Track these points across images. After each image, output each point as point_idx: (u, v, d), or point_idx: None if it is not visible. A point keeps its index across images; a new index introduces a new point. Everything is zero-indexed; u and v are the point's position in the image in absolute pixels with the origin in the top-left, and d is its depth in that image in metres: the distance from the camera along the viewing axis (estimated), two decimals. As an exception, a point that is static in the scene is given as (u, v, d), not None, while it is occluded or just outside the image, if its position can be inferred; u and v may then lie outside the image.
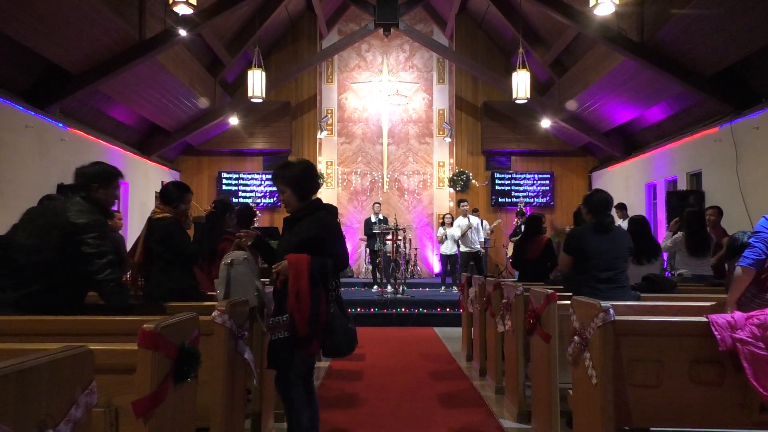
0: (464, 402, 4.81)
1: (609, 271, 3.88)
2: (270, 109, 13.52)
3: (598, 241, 3.91)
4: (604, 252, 3.89)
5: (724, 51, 7.94)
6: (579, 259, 3.97)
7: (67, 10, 7.39)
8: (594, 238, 3.93)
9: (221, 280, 3.39)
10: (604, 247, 3.90)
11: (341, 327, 3.08)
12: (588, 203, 4.08)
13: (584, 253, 3.92)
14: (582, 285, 3.90)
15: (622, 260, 3.97)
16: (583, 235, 4.01)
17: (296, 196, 3.13)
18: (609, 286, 3.84)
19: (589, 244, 3.92)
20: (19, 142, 7.99)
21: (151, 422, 1.89)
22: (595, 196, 4.08)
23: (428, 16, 15.16)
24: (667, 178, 10.61)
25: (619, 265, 3.93)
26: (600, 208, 4.01)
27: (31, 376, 1.27)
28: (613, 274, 3.89)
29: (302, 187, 3.15)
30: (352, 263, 14.40)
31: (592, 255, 3.89)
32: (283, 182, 3.14)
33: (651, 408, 2.65)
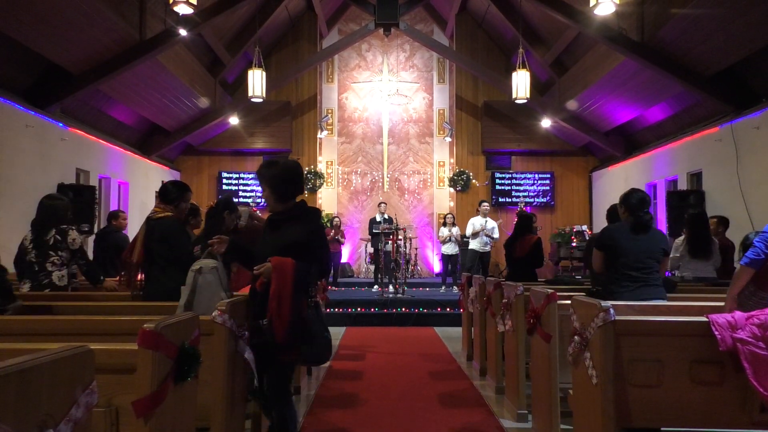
0: (464, 402, 4.81)
1: (639, 270, 3.85)
2: (270, 109, 13.53)
3: (631, 239, 3.90)
4: (636, 250, 3.87)
5: (725, 51, 7.94)
6: (610, 256, 3.96)
7: (68, 10, 7.39)
8: (628, 235, 3.93)
9: (187, 286, 3.27)
10: (637, 245, 3.88)
11: (320, 335, 2.97)
12: (626, 202, 4.07)
13: (615, 250, 3.91)
14: (611, 281, 3.90)
15: (654, 260, 3.93)
16: (617, 232, 4.00)
17: (274, 196, 3.06)
18: (636, 284, 3.81)
19: (621, 241, 3.91)
20: (20, 141, 8.00)
21: (151, 422, 1.89)
22: (633, 195, 4.07)
23: (428, 15, 15.16)
24: (667, 178, 10.61)
25: (650, 264, 3.89)
26: (638, 206, 4.01)
27: (31, 376, 1.27)
28: (643, 273, 3.85)
29: (281, 188, 3.05)
30: (353, 263, 14.40)
31: (623, 252, 3.88)
32: (263, 181, 3.08)
33: (651, 408, 2.65)
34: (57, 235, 4.38)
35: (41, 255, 4.40)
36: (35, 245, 4.43)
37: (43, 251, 4.40)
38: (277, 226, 3.09)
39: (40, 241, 4.41)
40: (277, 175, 3.06)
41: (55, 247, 4.38)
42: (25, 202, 7.96)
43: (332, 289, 10.74)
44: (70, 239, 4.40)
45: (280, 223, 3.09)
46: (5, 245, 7.63)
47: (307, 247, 2.99)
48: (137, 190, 11.61)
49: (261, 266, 2.90)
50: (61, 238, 4.38)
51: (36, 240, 4.44)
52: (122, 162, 11.12)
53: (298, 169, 3.17)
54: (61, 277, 4.40)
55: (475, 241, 10.42)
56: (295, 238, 2.99)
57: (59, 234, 4.39)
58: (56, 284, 4.37)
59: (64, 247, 4.39)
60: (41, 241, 4.41)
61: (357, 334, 8.42)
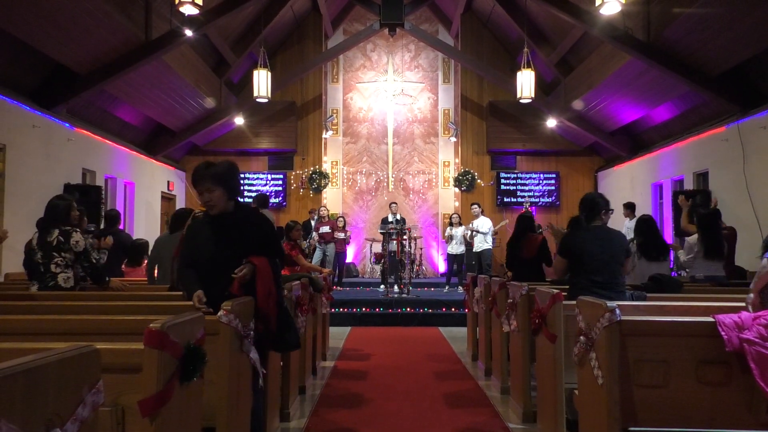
0: (469, 402, 4.80)
1: (603, 275, 3.87)
2: (275, 109, 13.55)
3: (592, 244, 3.90)
4: (598, 254, 3.88)
5: (731, 50, 7.90)
6: (573, 262, 3.97)
7: (74, 10, 7.43)
8: (588, 240, 3.93)
9: None
10: (598, 249, 3.89)
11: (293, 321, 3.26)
12: (580, 204, 4.11)
13: (578, 256, 3.92)
14: (577, 288, 3.90)
15: (617, 263, 3.96)
16: (577, 237, 4.01)
17: (227, 195, 3.03)
18: (604, 290, 3.82)
19: (583, 246, 3.92)
20: (26, 142, 8.03)
21: (157, 421, 1.90)
22: (585, 197, 4.10)
23: (433, 15, 15.14)
24: (673, 178, 10.57)
25: (614, 269, 3.92)
26: (589, 208, 4.03)
27: (38, 376, 1.28)
28: (608, 277, 3.88)
29: (233, 185, 3.07)
30: (358, 263, 14.40)
31: (586, 258, 3.88)
32: (211, 181, 3.00)
33: (657, 408, 2.64)
34: (60, 237, 4.38)
35: (46, 256, 4.41)
36: (40, 246, 4.44)
37: (47, 252, 4.40)
38: (223, 226, 3.05)
39: (43, 242, 4.42)
40: (225, 172, 3.05)
41: (59, 248, 4.37)
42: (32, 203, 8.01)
43: (337, 289, 10.75)
44: (73, 241, 4.40)
45: (227, 222, 3.05)
46: (13, 246, 7.68)
47: (269, 243, 3.09)
48: (143, 190, 11.64)
49: (242, 267, 2.98)
50: (63, 240, 4.38)
51: (40, 241, 4.45)
52: (128, 162, 11.16)
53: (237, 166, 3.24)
54: (67, 279, 4.39)
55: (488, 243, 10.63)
56: (258, 236, 3.06)
57: (62, 235, 4.39)
58: (62, 286, 4.36)
59: (68, 249, 4.38)
60: (45, 242, 4.41)
61: (362, 334, 8.42)
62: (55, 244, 4.37)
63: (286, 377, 4.29)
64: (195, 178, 3.08)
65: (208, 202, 3.03)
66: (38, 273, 4.44)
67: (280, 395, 4.15)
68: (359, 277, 14.02)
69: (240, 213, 3.10)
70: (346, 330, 8.67)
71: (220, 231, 3.05)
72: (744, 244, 7.12)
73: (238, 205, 3.12)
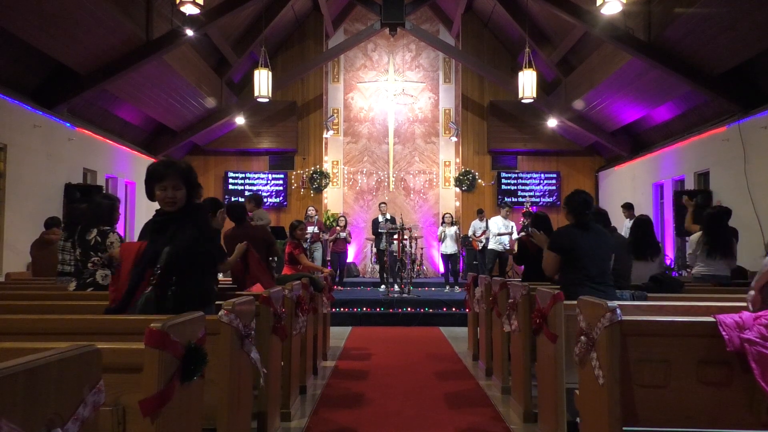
0: (470, 402, 4.80)
1: (597, 269, 3.90)
2: (276, 109, 13.55)
3: (586, 240, 3.94)
4: (592, 250, 3.91)
5: (732, 50, 7.90)
6: (568, 258, 3.98)
7: (75, 10, 7.43)
8: (579, 235, 3.96)
9: None
10: (592, 245, 3.93)
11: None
12: (569, 204, 4.11)
13: (574, 252, 3.93)
14: (573, 284, 3.90)
15: (607, 259, 4.01)
16: (571, 233, 4.03)
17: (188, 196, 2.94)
18: (598, 284, 3.86)
19: (578, 241, 3.94)
20: (28, 141, 8.04)
21: (158, 421, 1.90)
22: (576, 197, 4.10)
23: (434, 15, 15.14)
24: (674, 178, 10.56)
25: (605, 265, 3.97)
26: (581, 209, 4.04)
27: (39, 375, 1.28)
28: (601, 272, 3.92)
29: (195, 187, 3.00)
30: (358, 263, 14.40)
31: (582, 253, 3.90)
32: (180, 179, 2.90)
33: (658, 408, 2.63)
34: (98, 236, 4.40)
35: (84, 254, 4.42)
36: (79, 244, 4.45)
37: (85, 251, 4.42)
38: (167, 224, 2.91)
39: (82, 241, 4.44)
40: (192, 173, 2.97)
41: (96, 248, 4.39)
42: (33, 202, 8.01)
43: (338, 289, 10.75)
44: (109, 241, 4.41)
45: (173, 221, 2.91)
46: (14, 245, 7.69)
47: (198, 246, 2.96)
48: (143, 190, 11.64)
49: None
50: (101, 240, 4.40)
51: (79, 239, 4.46)
52: (129, 162, 11.17)
53: None
54: (105, 276, 4.40)
55: (492, 242, 10.58)
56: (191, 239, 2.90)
57: (99, 235, 4.41)
58: (100, 283, 4.36)
59: (104, 249, 4.39)
60: (84, 240, 4.43)
61: (362, 334, 8.42)
62: (93, 243, 4.39)
63: (287, 377, 4.29)
64: (160, 173, 2.89)
65: (171, 198, 2.89)
66: (76, 271, 4.48)
67: (281, 395, 4.15)
68: (360, 277, 14.02)
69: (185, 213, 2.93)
70: (347, 330, 8.67)
71: (162, 229, 2.93)
72: (745, 244, 7.11)
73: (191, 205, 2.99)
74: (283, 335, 3.99)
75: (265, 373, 3.34)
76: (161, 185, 2.89)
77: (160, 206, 2.94)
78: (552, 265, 4.12)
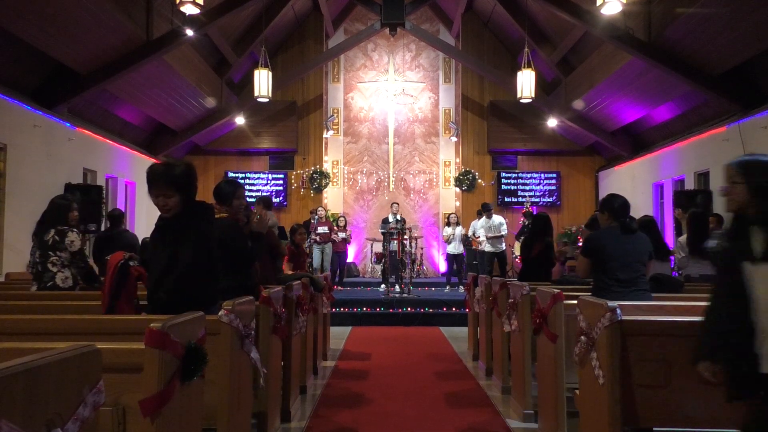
0: (470, 402, 4.80)
1: (627, 273, 3.85)
2: (276, 109, 13.55)
3: (617, 243, 3.91)
4: (623, 254, 3.87)
5: (732, 50, 7.89)
6: (597, 262, 3.96)
7: (75, 10, 7.43)
8: (613, 240, 3.93)
9: None
10: (623, 249, 3.89)
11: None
12: (609, 207, 4.07)
13: (602, 255, 3.91)
14: (599, 287, 3.90)
15: (641, 264, 3.95)
16: (602, 237, 4.01)
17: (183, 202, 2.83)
18: (627, 289, 3.81)
19: (607, 245, 3.92)
20: (27, 141, 8.04)
21: (158, 421, 1.90)
22: (616, 200, 4.08)
23: (434, 15, 15.14)
24: (674, 178, 10.56)
25: (638, 268, 3.91)
26: (622, 212, 4.02)
27: (39, 375, 1.28)
28: (632, 276, 3.86)
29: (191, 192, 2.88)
30: (358, 263, 14.39)
31: (610, 257, 3.88)
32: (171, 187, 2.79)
33: (658, 408, 2.64)
34: (56, 236, 4.39)
35: (43, 255, 4.41)
36: (38, 245, 4.45)
37: (44, 251, 4.41)
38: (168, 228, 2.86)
39: (41, 241, 4.43)
40: (187, 177, 2.85)
41: (54, 247, 4.37)
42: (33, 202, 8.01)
43: (338, 289, 10.75)
44: (68, 240, 4.39)
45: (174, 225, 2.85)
46: (13, 245, 7.69)
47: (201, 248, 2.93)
48: (144, 190, 11.53)
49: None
50: (59, 239, 4.38)
51: (38, 240, 4.46)
52: (129, 162, 11.17)
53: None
54: (65, 279, 4.37)
55: (488, 244, 10.46)
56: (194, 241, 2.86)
57: (58, 234, 4.39)
58: (60, 286, 4.34)
59: (63, 248, 4.38)
60: (42, 241, 4.42)
61: (363, 333, 8.42)
62: (51, 243, 4.37)
63: (287, 377, 4.29)
64: (152, 179, 2.83)
65: (163, 206, 2.83)
66: (37, 273, 4.45)
67: (281, 395, 4.15)
68: (360, 276, 14.02)
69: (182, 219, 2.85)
70: (347, 330, 8.67)
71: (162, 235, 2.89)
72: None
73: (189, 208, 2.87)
74: (284, 335, 3.99)
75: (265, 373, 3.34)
76: (154, 192, 2.84)
77: (160, 211, 2.90)
78: (582, 269, 4.13)
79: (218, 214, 3.71)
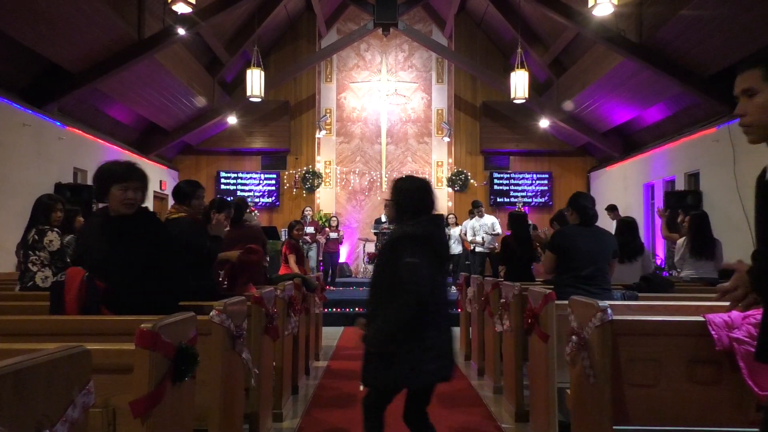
0: (462, 402, 4.81)
1: (589, 269, 3.90)
2: (269, 109, 13.52)
3: (582, 240, 3.95)
4: (587, 250, 3.93)
5: (723, 52, 7.95)
6: (562, 258, 4.00)
7: (66, 8, 7.38)
8: (579, 236, 3.98)
9: None
10: (588, 245, 3.94)
11: None
12: (573, 203, 4.14)
13: (568, 251, 3.95)
14: (563, 284, 3.92)
15: (604, 261, 4.02)
16: (568, 233, 4.06)
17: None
18: (589, 286, 3.86)
19: (573, 241, 3.96)
20: (17, 140, 7.98)
21: (149, 422, 1.89)
22: (579, 197, 4.15)
23: (427, 15, 15.16)
24: (665, 179, 10.62)
25: (600, 266, 3.97)
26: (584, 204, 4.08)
27: (27, 377, 1.27)
28: (593, 272, 3.91)
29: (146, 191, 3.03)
30: (351, 263, 14.38)
31: (575, 253, 3.92)
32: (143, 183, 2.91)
33: (648, 407, 2.65)
34: (35, 235, 4.37)
35: (25, 255, 4.39)
36: (21, 245, 4.43)
37: (26, 251, 4.39)
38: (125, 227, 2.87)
39: (23, 241, 4.41)
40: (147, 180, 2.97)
41: (33, 247, 4.35)
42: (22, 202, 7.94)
43: (330, 289, 10.73)
44: (47, 240, 4.36)
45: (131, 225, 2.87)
46: (2, 245, 7.62)
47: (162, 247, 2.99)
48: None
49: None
50: (38, 238, 4.36)
51: (21, 240, 4.44)
52: (120, 161, 11.10)
53: None
54: (45, 279, 4.33)
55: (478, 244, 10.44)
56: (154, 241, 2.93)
57: (37, 234, 4.37)
58: (39, 285, 4.29)
59: (42, 248, 4.35)
60: (24, 240, 4.40)
61: (355, 334, 8.38)
62: (31, 242, 4.35)
63: (279, 377, 4.28)
64: (128, 174, 2.85)
65: (132, 200, 2.84)
66: (21, 273, 4.43)
67: (273, 395, 4.14)
68: (352, 276, 14.01)
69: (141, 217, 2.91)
70: (339, 330, 8.66)
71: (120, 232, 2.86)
72: (735, 244, 7.17)
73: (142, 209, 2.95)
74: (275, 335, 3.98)
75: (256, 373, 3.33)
76: (123, 185, 2.81)
77: (115, 208, 2.84)
78: (547, 264, 4.16)
79: (176, 214, 3.73)
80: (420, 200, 2.74)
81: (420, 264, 2.54)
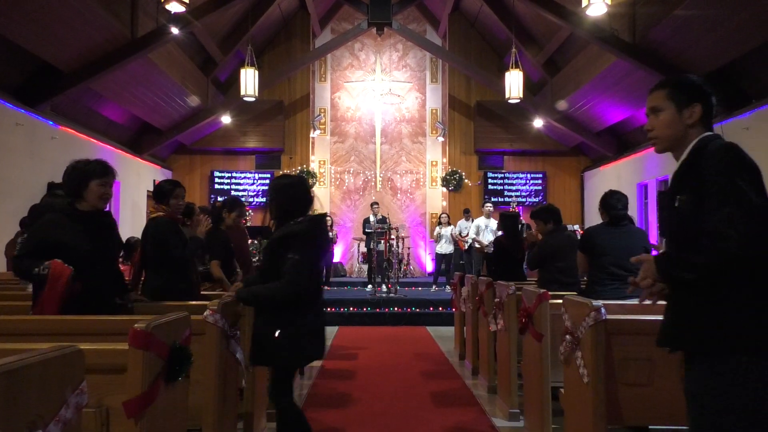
0: (457, 401, 4.82)
1: (622, 268, 3.89)
2: (263, 108, 13.49)
3: (611, 238, 3.96)
4: (618, 248, 3.92)
5: (716, 52, 7.99)
6: (592, 256, 4.02)
7: (59, 7, 7.34)
8: (607, 234, 3.99)
9: None
10: (619, 243, 3.94)
11: None
12: (601, 203, 4.16)
13: (597, 249, 3.97)
14: (594, 281, 3.95)
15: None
16: (597, 232, 4.07)
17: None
18: (622, 284, 3.84)
19: (602, 240, 3.97)
20: (10, 140, 7.94)
21: (142, 422, 1.88)
22: (607, 196, 4.15)
23: (421, 15, 15.16)
24: (658, 178, 10.67)
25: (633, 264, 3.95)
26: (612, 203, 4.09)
27: (20, 377, 1.26)
28: (626, 270, 3.90)
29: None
30: (345, 263, 14.37)
31: (605, 251, 3.94)
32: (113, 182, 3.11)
33: (642, 406, 2.66)
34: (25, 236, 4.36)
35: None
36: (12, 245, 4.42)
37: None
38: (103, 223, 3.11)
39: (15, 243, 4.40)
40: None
41: None
42: (15, 201, 7.90)
43: (324, 289, 10.72)
44: None
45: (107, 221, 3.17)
46: (-5, 244, 7.57)
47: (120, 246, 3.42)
48: (129, 190, 11.55)
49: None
50: None
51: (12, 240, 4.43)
52: (113, 161, 11.06)
53: None
54: None
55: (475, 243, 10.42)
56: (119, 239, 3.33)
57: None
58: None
59: None
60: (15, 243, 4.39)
61: (349, 333, 8.41)
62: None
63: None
64: (105, 170, 3.01)
65: (108, 195, 3.03)
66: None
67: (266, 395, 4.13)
68: (347, 276, 14.00)
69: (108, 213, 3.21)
70: (334, 330, 8.66)
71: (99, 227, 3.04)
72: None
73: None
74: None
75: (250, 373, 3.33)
76: (102, 181, 2.97)
77: (93, 202, 2.98)
78: (579, 264, 4.20)
79: (155, 213, 3.76)
80: (295, 196, 2.92)
81: (302, 261, 2.76)
